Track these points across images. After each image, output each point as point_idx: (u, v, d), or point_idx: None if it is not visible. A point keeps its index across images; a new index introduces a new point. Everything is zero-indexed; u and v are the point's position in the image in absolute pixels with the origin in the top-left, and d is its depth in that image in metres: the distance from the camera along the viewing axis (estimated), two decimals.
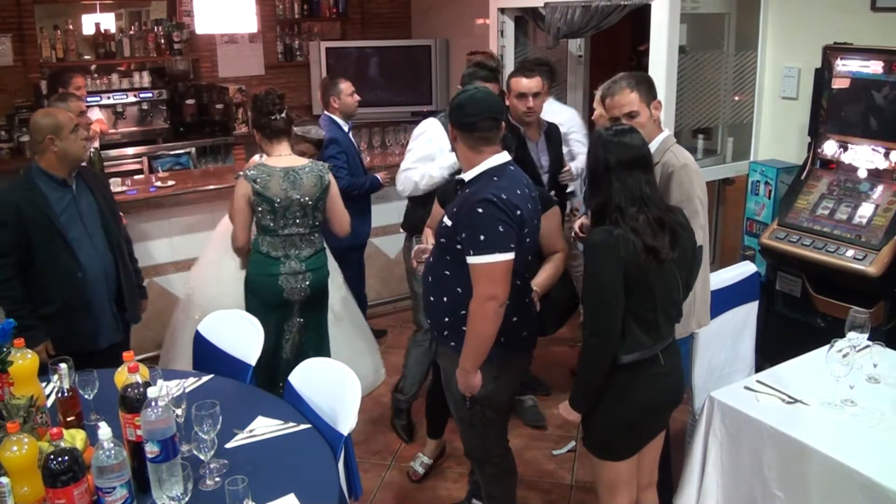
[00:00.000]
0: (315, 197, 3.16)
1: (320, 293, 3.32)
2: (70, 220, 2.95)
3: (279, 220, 3.14)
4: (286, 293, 3.18)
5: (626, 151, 2.23)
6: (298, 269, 3.18)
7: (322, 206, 3.22)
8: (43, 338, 2.90)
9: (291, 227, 3.16)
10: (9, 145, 5.78)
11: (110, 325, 3.09)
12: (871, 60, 3.39)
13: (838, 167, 3.55)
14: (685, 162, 2.60)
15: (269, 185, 3.09)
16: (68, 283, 2.94)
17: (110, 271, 3.07)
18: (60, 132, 2.88)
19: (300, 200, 3.13)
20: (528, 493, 3.23)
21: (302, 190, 3.13)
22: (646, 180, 2.23)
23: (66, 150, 2.91)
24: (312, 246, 3.23)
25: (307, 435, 2.24)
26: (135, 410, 1.92)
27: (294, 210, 3.14)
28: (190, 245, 4.26)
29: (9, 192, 2.93)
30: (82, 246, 2.97)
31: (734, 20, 4.25)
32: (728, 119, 4.34)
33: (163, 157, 6.00)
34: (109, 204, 3.16)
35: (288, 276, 3.18)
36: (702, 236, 2.54)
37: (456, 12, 6.47)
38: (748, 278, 3.09)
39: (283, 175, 3.11)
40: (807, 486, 2.19)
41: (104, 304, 3.06)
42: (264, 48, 6.73)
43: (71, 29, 6.02)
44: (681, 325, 2.56)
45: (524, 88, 3.39)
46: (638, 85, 2.62)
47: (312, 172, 3.17)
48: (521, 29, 5.08)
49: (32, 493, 1.79)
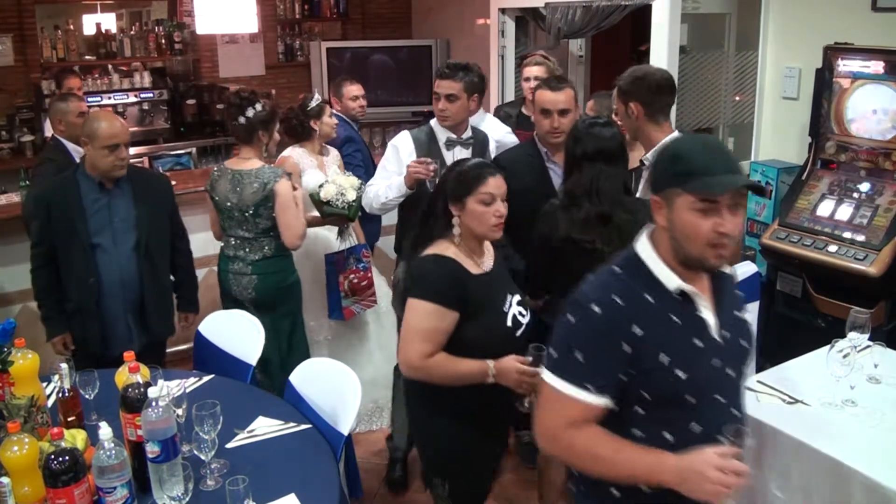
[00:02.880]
0: (255, 203, 3.10)
1: (271, 299, 3.20)
2: (99, 225, 2.91)
3: (225, 220, 3.21)
4: (234, 292, 3.23)
5: (591, 143, 2.45)
6: (244, 271, 3.19)
7: (265, 214, 3.12)
8: (61, 329, 2.94)
9: (236, 230, 3.19)
10: (9, 145, 5.78)
11: (122, 334, 2.98)
12: (871, 60, 3.39)
13: (839, 167, 3.55)
14: None
15: (216, 186, 3.18)
16: (80, 286, 2.92)
17: (130, 281, 2.97)
18: (94, 141, 2.84)
19: (238, 205, 3.12)
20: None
21: (241, 195, 3.11)
22: (606, 173, 2.43)
23: (94, 161, 2.88)
24: (260, 251, 3.18)
25: (308, 435, 2.24)
26: (135, 410, 1.92)
27: (234, 213, 3.15)
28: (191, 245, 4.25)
29: (49, 186, 3.03)
30: (104, 253, 2.92)
31: (735, 20, 4.25)
32: (729, 119, 4.34)
33: (163, 157, 5.99)
34: (152, 212, 3.03)
35: (236, 275, 3.21)
36: None
37: (456, 12, 6.46)
38: (749, 278, 3.09)
39: (230, 177, 3.14)
40: (807, 487, 2.18)
41: (117, 313, 2.97)
42: (265, 48, 6.73)
43: (71, 29, 6.03)
44: None
45: (549, 104, 2.88)
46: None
47: (258, 179, 3.09)
48: (522, 29, 5.08)
49: (33, 493, 1.79)
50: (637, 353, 1.55)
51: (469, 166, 2.20)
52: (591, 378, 1.55)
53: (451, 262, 2.13)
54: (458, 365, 2.10)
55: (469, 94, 3.01)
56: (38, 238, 2.94)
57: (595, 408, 1.57)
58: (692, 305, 1.61)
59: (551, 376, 1.59)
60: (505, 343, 2.15)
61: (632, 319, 1.55)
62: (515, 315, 2.21)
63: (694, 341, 1.59)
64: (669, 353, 1.56)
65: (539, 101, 2.92)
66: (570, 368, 1.57)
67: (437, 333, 2.10)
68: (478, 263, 2.19)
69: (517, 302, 2.24)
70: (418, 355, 2.09)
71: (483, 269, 2.20)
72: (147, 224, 2.99)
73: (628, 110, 2.63)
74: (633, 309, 1.56)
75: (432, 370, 2.11)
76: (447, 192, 2.18)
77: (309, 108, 3.60)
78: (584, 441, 1.58)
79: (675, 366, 1.56)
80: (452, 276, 2.11)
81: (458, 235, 2.16)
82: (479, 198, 2.13)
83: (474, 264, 2.18)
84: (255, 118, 3.14)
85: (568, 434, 1.59)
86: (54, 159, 3.59)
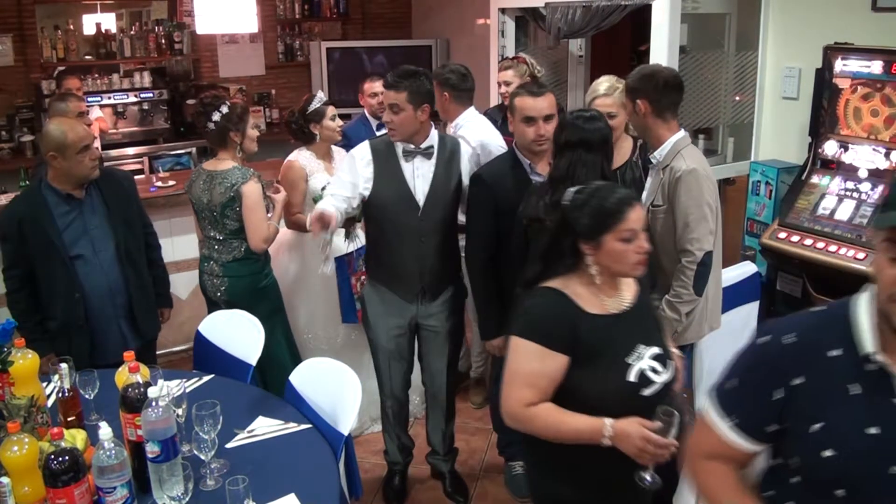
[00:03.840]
0: (221, 204, 3.11)
1: (244, 301, 3.11)
2: (75, 237, 2.85)
3: (200, 221, 3.26)
4: (209, 292, 3.25)
5: (574, 133, 2.43)
6: (216, 272, 3.21)
7: (231, 215, 3.12)
8: (46, 351, 2.80)
9: (208, 230, 3.22)
10: (9, 145, 5.78)
11: (116, 342, 2.91)
12: (871, 60, 3.39)
13: (839, 167, 3.55)
14: (694, 167, 2.54)
15: (192, 186, 3.22)
16: (66, 303, 2.85)
17: (118, 288, 2.93)
18: (65, 151, 2.74)
19: (208, 206, 3.15)
20: None
21: (211, 195, 3.13)
22: (584, 160, 2.40)
23: (70, 170, 2.78)
24: (230, 253, 3.18)
25: (308, 435, 2.24)
26: (135, 410, 1.92)
27: (206, 214, 3.18)
28: (191, 245, 4.26)
29: (15, 204, 2.92)
30: (86, 264, 2.86)
31: (735, 20, 4.25)
32: (729, 119, 4.34)
33: (163, 157, 6.00)
34: (125, 213, 2.99)
35: (209, 276, 3.24)
36: (711, 241, 2.53)
37: (456, 12, 6.46)
38: (749, 278, 3.10)
39: (205, 178, 3.17)
40: None
41: (109, 323, 2.93)
42: (265, 48, 6.73)
43: (72, 29, 6.03)
44: (693, 330, 2.56)
45: (533, 111, 2.71)
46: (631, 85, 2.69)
47: (227, 179, 3.10)
48: (522, 29, 5.08)
49: (33, 493, 1.79)
50: (789, 406, 1.33)
51: (603, 198, 1.87)
52: (736, 410, 1.39)
53: (561, 297, 1.88)
54: (567, 419, 1.82)
55: (416, 105, 2.74)
56: (12, 261, 2.85)
57: (732, 446, 1.41)
58: (887, 384, 1.29)
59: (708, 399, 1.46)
60: (626, 400, 1.84)
61: (797, 367, 1.33)
62: (644, 370, 1.87)
63: (869, 429, 1.29)
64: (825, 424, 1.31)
65: (521, 108, 2.73)
66: (725, 394, 1.43)
67: (541, 378, 1.83)
68: (603, 303, 1.90)
69: (653, 356, 1.90)
70: (518, 402, 1.85)
71: (607, 310, 1.89)
72: (122, 226, 2.95)
73: (636, 107, 2.63)
74: (804, 355, 1.33)
75: (535, 421, 1.85)
76: (576, 228, 1.87)
77: (308, 112, 3.50)
78: (709, 479, 1.48)
79: (826, 442, 1.30)
80: (560, 312, 1.86)
81: (597, 275, 1.88)
82: (618, 235, 1.83)
83: (597, 303, 1.89)
84: (222, 121, 3.13)
85: (701, 464, 1.49)
86: None
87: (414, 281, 2.89)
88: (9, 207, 2.93)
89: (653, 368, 1.89)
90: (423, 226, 2.83)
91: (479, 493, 3.26)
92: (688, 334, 2.64)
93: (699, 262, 2.51)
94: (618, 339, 1.88)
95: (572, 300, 1.87)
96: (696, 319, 2.60)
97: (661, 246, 2.57)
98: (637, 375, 1.86)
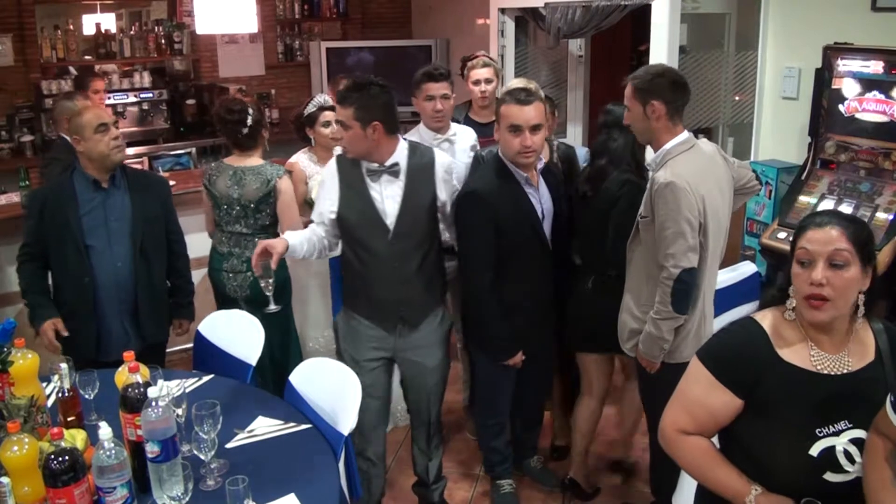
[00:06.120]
0: (256, 199, 3.16)
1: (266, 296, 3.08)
2: (93, 225, 2.86)
3: (224, 216, 3.25)
4: (228, 289, 3.25)
5: (604, 116, 2.84)
6: (239, 268, 3.22)
7: (267, 210, 3.19)
8: (51, 313, 2.84)
9: (234, 226, 3.24)
10: (9, 145, 5.78)
11: (120, 338, 2.89)
12: (871, 60, 3.40)
13: (839, 167, 3.55)
14: (671, 179, 2.36)
15: (216, 182, 3.23)
16: (74, 286, 2.87)
17: (125, 284, 2.90)
18: (83, 132, 2.80)
19: (240, 200, 3.17)
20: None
21: (244, 190, 3.17)
22: (612, 136, 2.78)
23: (91, 151, 2.81)
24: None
25: (308, 435, 2.24)
26: (135, 410, 1.92)
27: (235, 209, 3.20)
28: (191, 245, 4.23)
29: (45, 186, 3.06)
30: (99, 254, 2.86)
31: (734, 20, 4.26)
32: (728, 119, 4.34)
33: (163, 157, 5.99)
34: (149, 214, 2.95)
35: (229, 274, 3.25)
36: (691, 259, 2.37)
37: (456, 12, 6.46)
38: (748, 278, 3.10)
39: (231, 174, 3.20)
40: None
41: (112, 315, 2.91)
42: (265, 48, 6.73)
43: (71, 29, 6.03)
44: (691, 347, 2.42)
45: (519, 120, 2.54)
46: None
47: (261, 175, 3.17)
48: (522, 29, 5.08)
49: (33, 493, 1.79)
50: None
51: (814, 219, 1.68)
52: None
53: (757, 331, 1.67)
54: (715, 467, 1.66)
55: (364, 123, 2.46)
56: (30, 237, 2.91)
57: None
58: None
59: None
60: (799, 477, 1.60)
61: None
62: (835, 450, 1.59)
63: None
64: None
65: (506, 116, 2.56)
66: None
67: (700, 408, 1.68)
68: (810, 355, 1.63)
69: (853, 439, 1.59)
70: (672, 424, 1.72)
71: (815, 367, 1.62)
72: (143, 225, 2.93)
73: (647, 109, 2.45)
74: None
75: (682, 452, 1.71)
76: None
77: (303, 116, 3.49)
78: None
79: None
80: (745, 348, 1.66)
81: (790, 309, 1.66)
82: (795, 257, 1.65)
83: (801, 353, 1.64)
84: (254, 124, 3.21)
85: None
86: (60, 158, 3.59)
87: (390, 310, 2.65)
88: (38, 189, 3.07)
89: (846, 453, 1.59)
90: (396, 250, 2.58)
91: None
92: (686, 351, 2.50)
93: (675, 279, 2.37)
94: (812, 401, 1.60)
95: (768, 339, 1.66)
96: (693, 335, 2.50)
97: (653, 259, 2.47)
98: (822, 453, 1.58)
